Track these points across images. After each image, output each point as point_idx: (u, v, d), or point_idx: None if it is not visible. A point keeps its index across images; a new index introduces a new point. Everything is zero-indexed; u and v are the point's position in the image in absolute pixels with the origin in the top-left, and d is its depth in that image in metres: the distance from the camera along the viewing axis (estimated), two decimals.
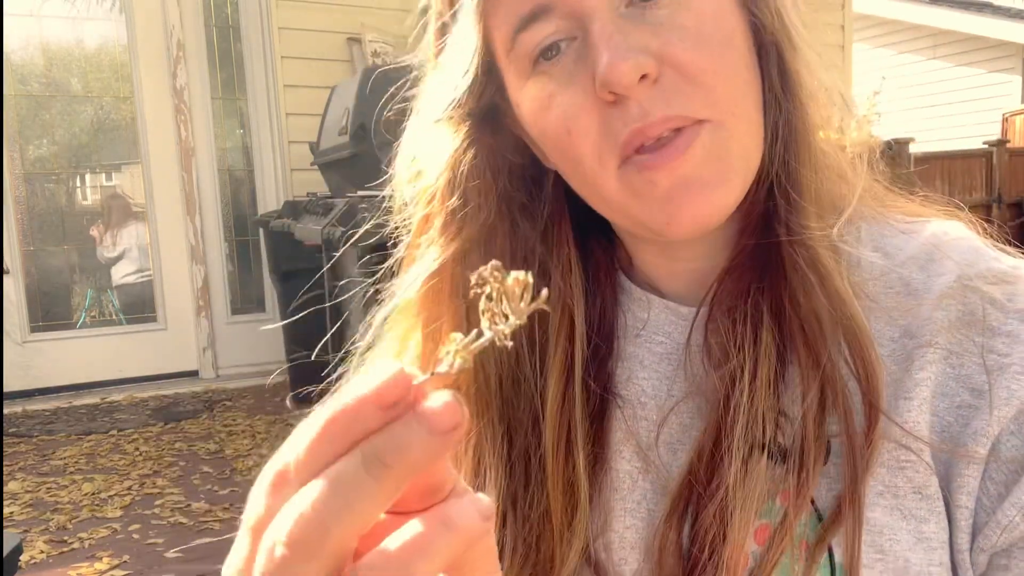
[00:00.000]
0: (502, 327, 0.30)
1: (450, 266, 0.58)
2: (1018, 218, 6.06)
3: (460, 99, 0.56)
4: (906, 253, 0.56)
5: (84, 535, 2.78)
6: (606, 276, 0.64)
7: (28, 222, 4.95)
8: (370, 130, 3.59)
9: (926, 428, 0.51)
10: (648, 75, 0.49)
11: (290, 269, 4.11)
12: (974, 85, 10.02)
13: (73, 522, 2.91)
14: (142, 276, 5.24)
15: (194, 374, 5.16)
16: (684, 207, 0.52)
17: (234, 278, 5.38)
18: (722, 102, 0.51)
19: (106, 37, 5.12)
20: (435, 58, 0.60)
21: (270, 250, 4.49)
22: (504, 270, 0.31)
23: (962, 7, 10.10)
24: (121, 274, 5.26)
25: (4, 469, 3.48)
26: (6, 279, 4.67)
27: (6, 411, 4.42)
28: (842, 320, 0.51)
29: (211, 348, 5.17)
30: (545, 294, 0.31)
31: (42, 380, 4.80)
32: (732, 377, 0.53)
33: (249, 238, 5.35)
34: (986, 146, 6.10)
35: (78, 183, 5.28)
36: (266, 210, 4.92)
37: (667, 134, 0.51)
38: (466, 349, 0.30)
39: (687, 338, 0.59)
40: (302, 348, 3.87)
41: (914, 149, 5.39)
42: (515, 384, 0.60)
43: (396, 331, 0.61)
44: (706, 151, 0.51)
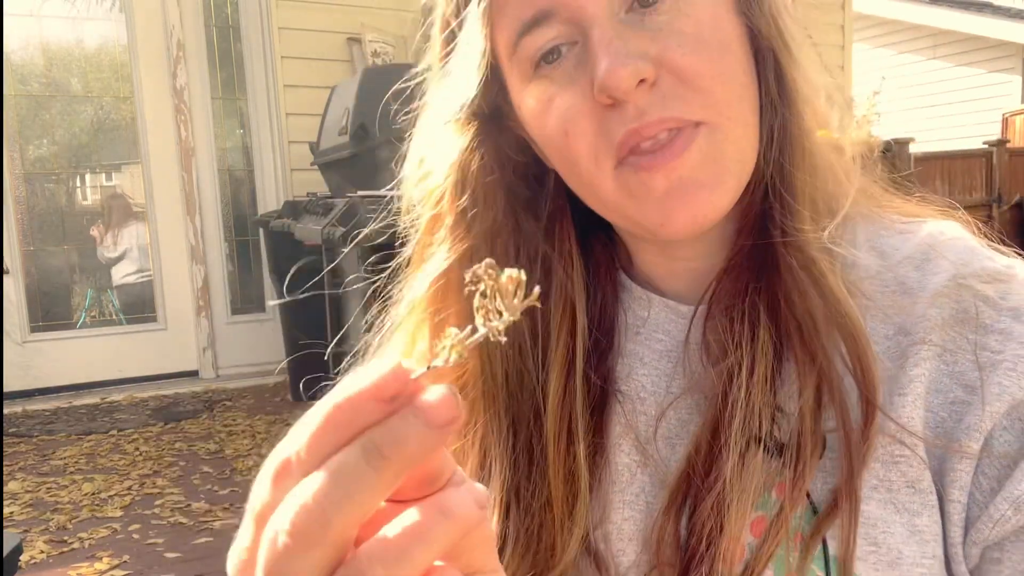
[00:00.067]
0: (496, 323, 0.31)
1: (459, 264, 0.59)
2: (1018, 218, 6.06)
3: (470, 101, 0.57)
4: (902, 253, 0.57)
5: (84, 535, 2.78)
6: (606, 274, 0.65)
7: (28, 222, 4.96)
8: (370, 130, 3.59)
9: (920, 423, 0.51)
10: (646, 80, 0.50)
11: (290, 269, 4.11)
12: (974, 85, 10.03)
13: (73, 522, 2.91)
14: (142, 276, 5.24)
15: (194, 374, 5.16)
16: (679, 208, 0.53)
17: (234, 278, 5.39)
18: (718, 105, 0.52)
19: (106, 37, 5.12)
20: (440, 61, 0.61)
21: (270, 250, 4.49)
22: (498, 268, 0.31)
23: (962, 7, 10.10)
24: (121, 274, 5.26)
25: (4, 469, 3.48)
26: (6, 279, 4.67)
27: (6, 411, 4.42)
28: (837, 319, 0.52)
29: (211, 348, 5.17)
30: (537, 291, 0.31)
31: (42, 380, 4.80)
32: (730, 373, 0.54)
33: (249, 238, 5.35)
34: (986, 146, 6.11)
35: (78, 183, 5.28)
36: (266, 210, 4.92)
37: (663, 135, 0.52)
38: (461, 344, 0.31)
39: (686, 336, 0.60)
40: (302, 348, 3.88)
41: (914, 149, 5.39)
42: (520, 377, 0.61)
43: (406, 329, 0.62)
44: (703, 154, 0.52)
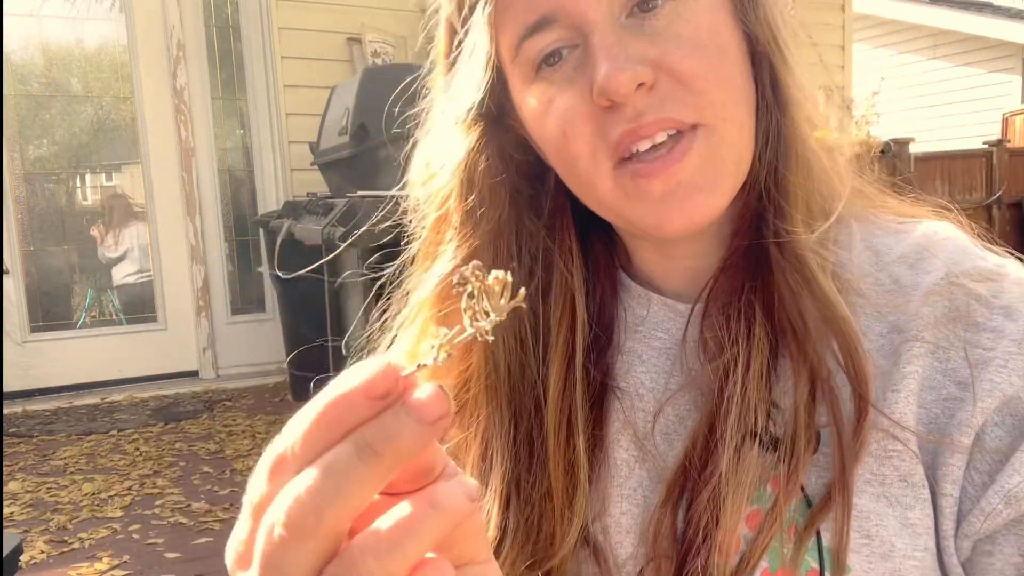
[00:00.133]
0: (483, 323, 0.32)
1: (466, 263, 0.59)
2: (1018, 218, 6.06)
3: (477, 103, 0.59)
4: (896, 252, 0.58)
5: (84, 535, 2.79)
6: (606, 272, 0.67)
7: (28, 222, 4.96)
8: (370, 130, 3.59)
9: (912, 419, 0.52)
10: (644, 83, 0.52)
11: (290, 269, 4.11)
12: (974, 85, 10.02)
13: (73, 522, 2.91)
14: (142, 276, 5.24)
15: (194, 374, 5.16)
16: (676, 210, 0.54)
17: (234, 278, 5.39)
18: (715, 106, 0.53)
19: (106, 37, 5.12)
20: (445, 63, 0.62)
21: (270, 250, 4.49)
22: (485, 270, 0.33)
23: (962, 7, 10.10)
24: (121, 274, 5.26)
25: (4, 469, 3.48)
26: (6, 279, 4.67)
27: (6, 411, 4.43)
28: (828, 317, 0.53)
29: (211, 348, 5.17)
30: (523, 293, 0.32)
31: (42, 380, 4.80)
32: (726, 370, 0.55)
33: (249, 238, 5.35)
34: (986, 146, 6.11)
35: (78, 183, 5.28)
36: (266, 210, 4.92)
37: (662, 138, 0.53)
38: (449, 343, 0.32)
39: (683, 333, 0.61)
40: (303, 347, 3.88)
41: (914, 149, 5.39)
42: (521, 371, 0.62)
43: (414, 328, 0.63)
44: (701, 158, 0.53)
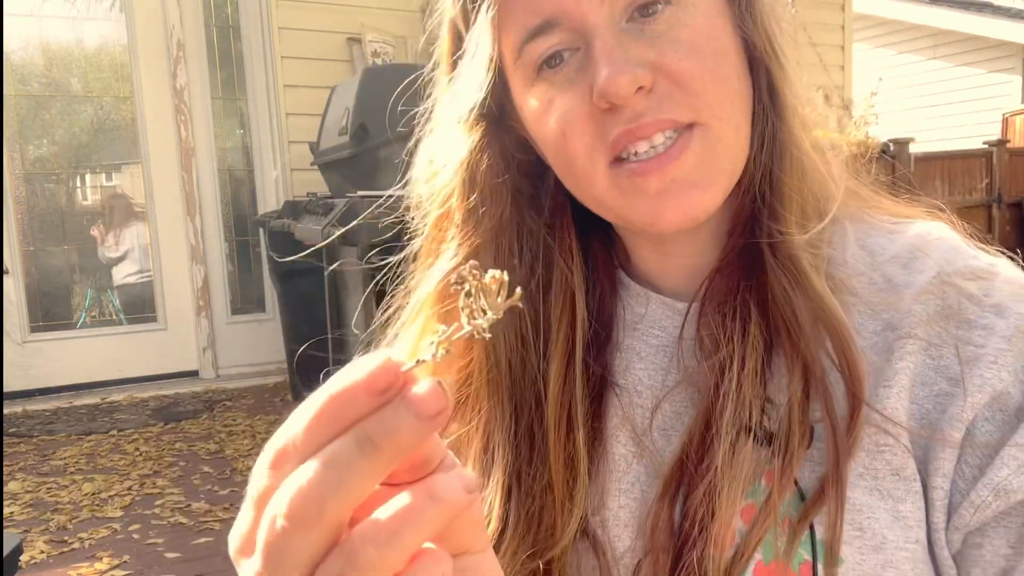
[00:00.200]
0: (480, 321, 0.33)
1: (469, 259, 0.61)
2: (1018, 218, 6.06)
3: (479, 103, 0.60)
4: (890, 252, 0.59)
5: (84, 535, 2.79)
6: (605, 270, 0.68)
7: (28, 222, 4.96)
8: (370, 130, 3.59)
9: (904, 414, 0.53)
10: (643, 87, 0.53)
11: (290, 269, 4.11)
12: (974, 85, 10.03)
13: (73, 522, 2.91)
14: (142, 276, 5.24)
15: (194, 374, 5.16)
16: (671, 206, 0.55)
17: (234, 278, 5.39)
18: (711, 107, 0.54)
19: (106, 37, 5.13)
20: (448, 64, 0.63)
21: (272, 256, 4.49)
22: (482, 269, 0.33)
23: (962, 7, 10.10)
24: (121, 274, 5.27)
25: (4, 469, 3.48)
26: (6, 279, 4.67)
27: (6, 411, 4.43)
28: (822, 317, 0.54)
29: (211, 348, 5.18)
30: (519, 292, 0.33)
31: (42, 380, 4.80)
32: (722, 367, 0.56)
33: (249, 238, 5.35)
34: (986, 146, 6.10)
35: (78, 183, 5.28)
36: (266, 210, 4.92)
37: (659, 139, 0.54)
38: (448, 340, 0.33)
39: (680, 331, 0.62)
40: (303, 346, 3.87)
41: (914, 149, 5.39)
42: (522, 366, 0.63)
43: (417, 325, 0.64)
44: (697, 157, 0.55)
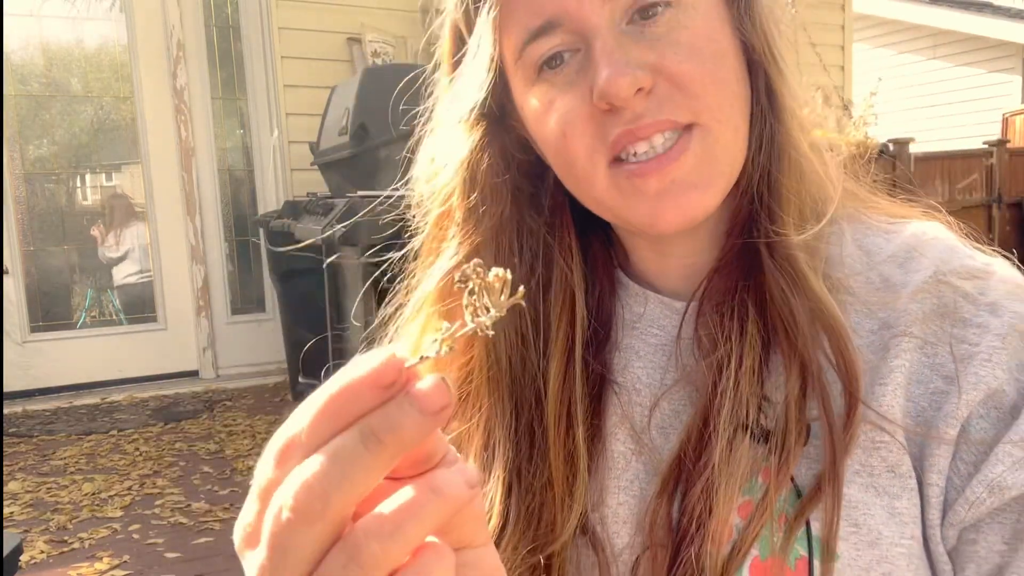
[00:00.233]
0: (483, 319, 0.33)
1: (468, 260, 0.61)
2: (1018, 218, 6.06)
3: (480, 103, 0.60)
4: (886, 252, 0.60)
5: (84, 535, 2.79)
6: (604, 270, 0.69)
7: (28, 222, 4.96)
8: (370, 130, 3.59)
9: (900, 411, 0.54)
10: (643, 88, 0.54)
11: (290, 269, 4.11)
12: (974, 85, 10.02)
13: (73, 522, 2.91)
14: (142, 276, 5.24)
15: (194, 374, 5.16)
16: (670, 207, 0.56)
17: (234, 278, 5.39)
18: (710, 109, 0.55)
19: (106, 37, 5.13)
20: (449, 62, 0.64)
21: (270, 250, 4.49)
22: (485, 267, 0.33)
23: (962, 7, 10.09)
24: (121, 274, 5.27)
25: (4, 469, 3.48)
26: (6, 279, 4.67)
27: (6, 411, 4.43)
28: (820, 317, 0.55)
29: (211, 348, 5.18)
30: (522, 291, 0.34)
31: (42, 380, 4.80)
32: (719, 365, 0.57)
33: (249, 238, 5.35)
34: (986, 146, 6.10)
35: (78, 183, 5.28)
36: (266, 210, 4.92)
37: (659, 141, 0.55)
38: (451, 337, 0.33)
39: (679, 330, 0.63)
40: (302, 347, 3.87)
41: (914, 149, 5.39)
42: (522, 363, 0.64)
43: (418, 323, 0.65)
44: (697, 158, 0.56)
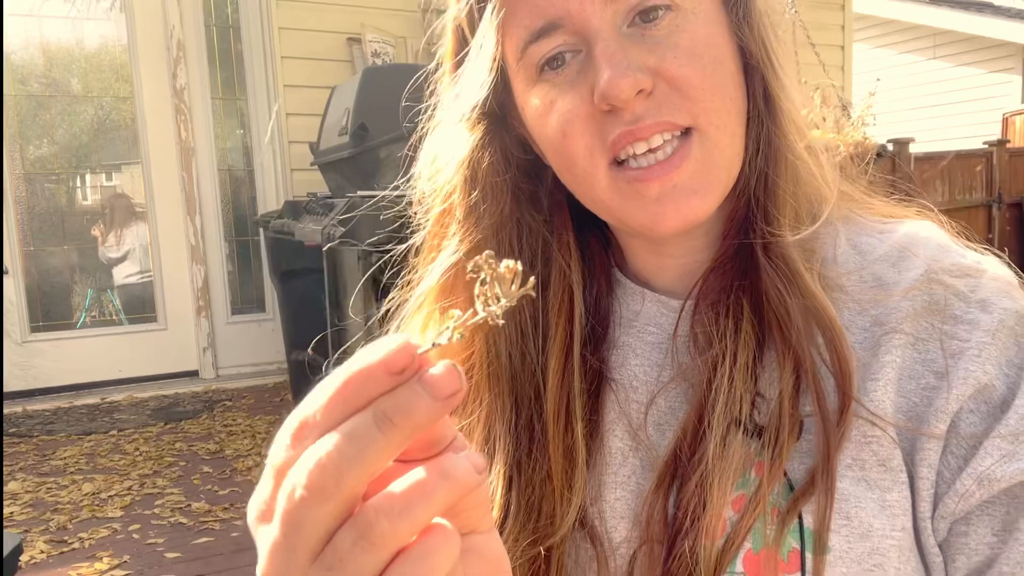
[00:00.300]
0: (494, 308, 0.34)
1: (468, 257, 0.64)
2: (1018, 218, 6.06)
3: (481, 101, 0.61)
4: (879, 252, 0.61)
5: (84, 535, 2.79)
6: (601, 269, 0.70)
7: (28, 222, 4.96)
8: (370, 130, 3.59)
9: (891, 406, 0.55)
10: (644, 90, 0.54)
11: (290, 269, 4.11)
12: (974, 85, 10.02)
13: (73, 522, 2.91)
14: (142, 276, 5.24)
15: (194, 374, 5.16)
16: (671, 209, 0.57)
17: (234, 278, 5.39)
18: (708, 113, 0.56)
19: (106, 37, 5.13)
20: (451, 62, 0.65)
21: (270, 250, 4.49)
22: (497, 258, 0.34)
23: (962, 7, 10.09)
24: (121, 274, 5.27)
25: (4, 469, 3.48)
26: (6, 279, 4.67)
27: (6, 411, 4.43)
28: (814, 314, 0.56)
29: (211, 348, 5.18)
30: (532, 281, 0.35)
31: (42, 380, 4.80)
32: (714, 362, 0.58)
33: (249, 238, 5.35)
34: (986, 146, 6.10)
35: (78, 183, 5.28)
36: (266, 210, 4.92)
37: (657, 141, 0.56)
38: (463, 325, 0.34)
39: (675, 328, 0.64)
40: (302, 347, 3.87)
41: (914, 149, 5.39)
42: (522, 359, 0.65)
43: (418, 318, 0.66)
44: (697, 164, 0.57)
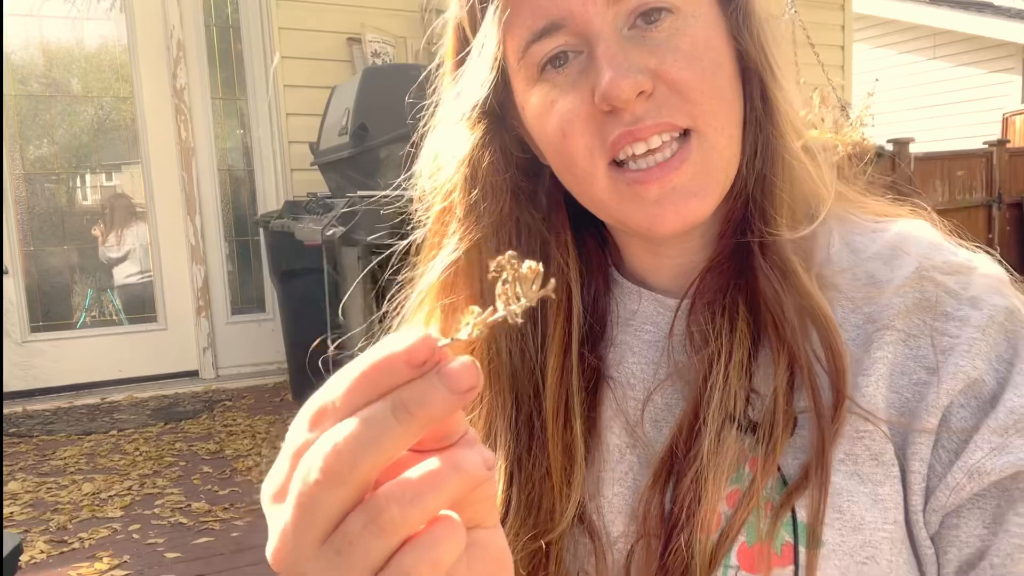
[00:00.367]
0: (514, 307, 0.35)
1: (468, 255, 0.64)
2: (1018, 218, 6.06)
3: (482, 100, 0.62)
4: (872, 250, 0.62)
5: (84, 535, 2.79)
6: (598, 268, 0.71)
7: (28, 222, 4.96)
8: (370, 130, 3.60)
9: (883, 402, 0.56)
10: (644, 91, 0.56)
11: (290, 269, 4.11)
12: (974, 85, 10.02)
13: (73, 522, 2.91)
14: (142, 276, 5.24)
15: (194, 374, 5.16)
16: (670, 211, 0.58)
17: (234, 278, 5.39)
18: (706, 115, 0.57)
19: (106, 37, 5.13)
20: (452, 61, 0.66)
21: (270, 250, 4.49)
22: (519, 259, 0.35)
23: (962, 7, 10.09)
24: (121, 274, 5.27)
25: (4, 469, 3.48)
26: (6, 279, 4.67)
27: (6, 411, 4.43)
28: (810, 313, 0.57)
29: (211, 348, 5.18)
30: (553, 283, 0.35)
31: (42, 380, 4.80)
32: (710, 360, 0.59)
33: (249, 238, 5.35)
34: (986, 146, 6.10)
35: (78, 183, 5.28)
36: (266, 210, 4.92)
37: (656, 142, 0.56)
38: (483, 321, 0.35)
39: (671, 327, 0.65)
40: (302, 347, 3.87)
41: (914, 149, 5.39)
42: (522, 356, 0.66)
43: (419, 315, 0.67)
44: (696, 166, 0.58)
